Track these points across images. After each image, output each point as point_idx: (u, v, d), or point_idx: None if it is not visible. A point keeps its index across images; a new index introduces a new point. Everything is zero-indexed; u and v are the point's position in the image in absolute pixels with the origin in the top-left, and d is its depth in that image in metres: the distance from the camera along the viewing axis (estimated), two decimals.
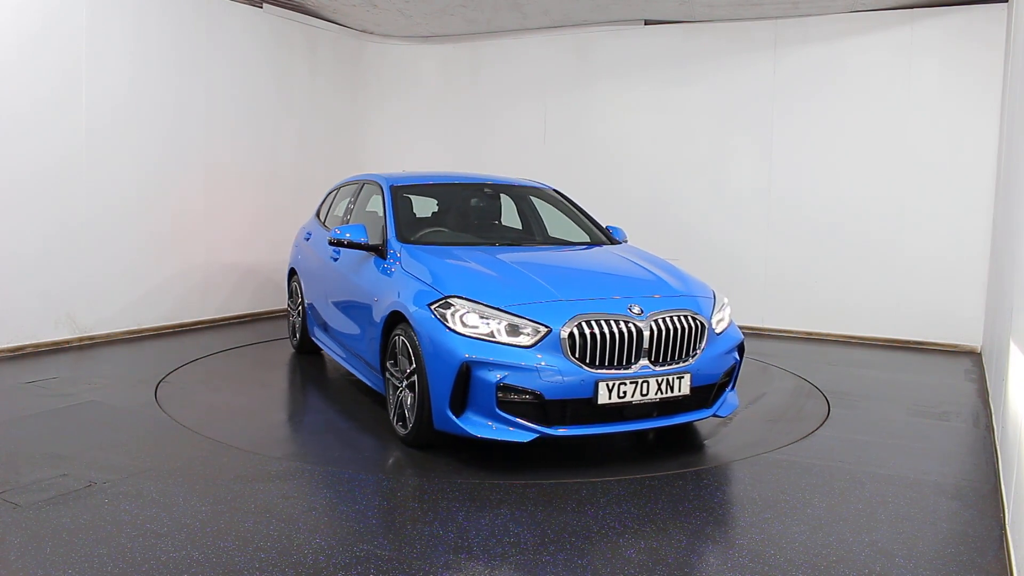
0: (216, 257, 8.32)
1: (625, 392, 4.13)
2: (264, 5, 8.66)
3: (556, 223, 6.21)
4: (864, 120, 8.16)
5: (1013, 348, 3.71)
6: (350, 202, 6.39)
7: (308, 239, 6.78)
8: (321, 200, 7.26)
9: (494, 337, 4.10)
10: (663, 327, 4.26)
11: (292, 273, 7.10)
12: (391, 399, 4.64)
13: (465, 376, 4.06)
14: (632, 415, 4.24)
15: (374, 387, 5.13)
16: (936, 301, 7.95)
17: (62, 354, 6.65)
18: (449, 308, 4.23)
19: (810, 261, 8.46)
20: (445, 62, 10.19)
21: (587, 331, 4.10)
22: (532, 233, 6.14)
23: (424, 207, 6.15)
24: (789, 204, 8.52)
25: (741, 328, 8.65)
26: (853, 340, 8.26)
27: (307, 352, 6.91)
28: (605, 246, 5.62)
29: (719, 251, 8.83)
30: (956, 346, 7.91)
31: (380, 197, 5.78)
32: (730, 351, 4.61)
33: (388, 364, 4.68)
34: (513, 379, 4.01)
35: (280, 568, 3.00)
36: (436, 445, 4.44)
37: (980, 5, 7.63)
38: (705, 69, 8.84)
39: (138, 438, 4.57)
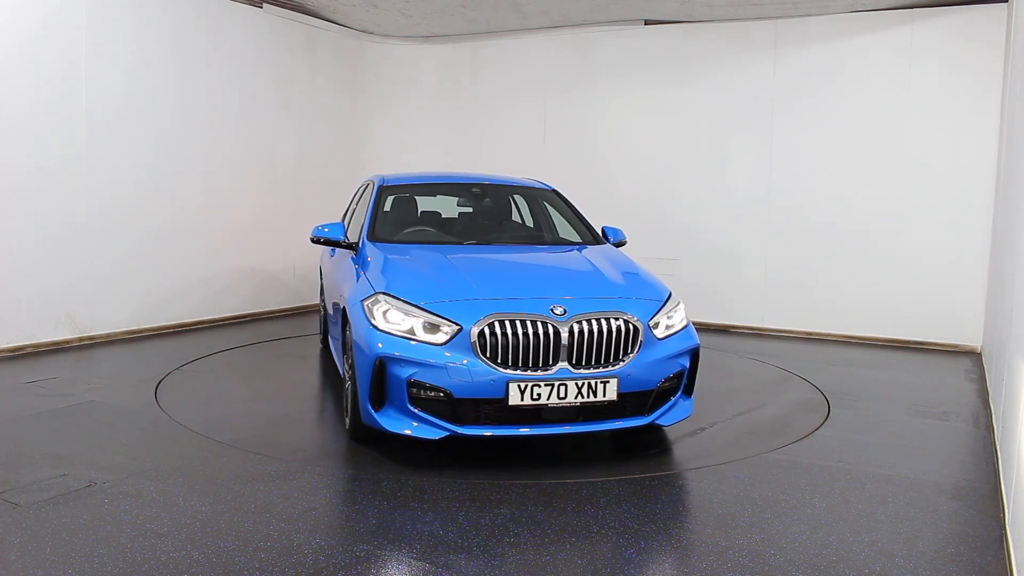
0: (216, 257, 8.32)
1: (540, 394, 4.02)
2: (264, 5, 8.66)
3: (560, 222, 6.19)
4: (864, 120, 8.16)
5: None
6: (355, 201, 6.47)
7: None
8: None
9: (413, 334, 4.11)
10: (585, 329, 4.12)
11: (321, 272, 7.30)
12: (344, 393, 4.74)
13: (381, 371, 4.08)
14: (552, 418, 4.11)
15: None
16: (936, 301, 7.95)
17: (62, 354, 6.65)
18: (376, 304, 4.27)
19: (810, 261, 8.46)
20: (445, 62, 10.19)
21: (498, 331, 4.04)
22: (519, 233, 6.00)
23: (426, 206, 6.20)
24: (789, 203, 8.52)
25: (740, 328, 8.80)
26: (853, 340, 8.26)
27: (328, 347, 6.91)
28: (589, 247, 5.48)
29: (719, 251, 8.83)
30: (956, 346, 7.91)
31: None
32: (676, 356, 4.39)
33: (344, 359, 4.79)
34: (423, 376, 4.01)
35: (280, 568, 2.99)
36: (376, 440, 4.48)
37: (980, 5, 7.63)
38: (705, 69, 8.84)
39: (138, 438, 4.57)
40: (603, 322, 4.17)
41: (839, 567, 3.12)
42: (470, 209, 6.24)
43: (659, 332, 4.39)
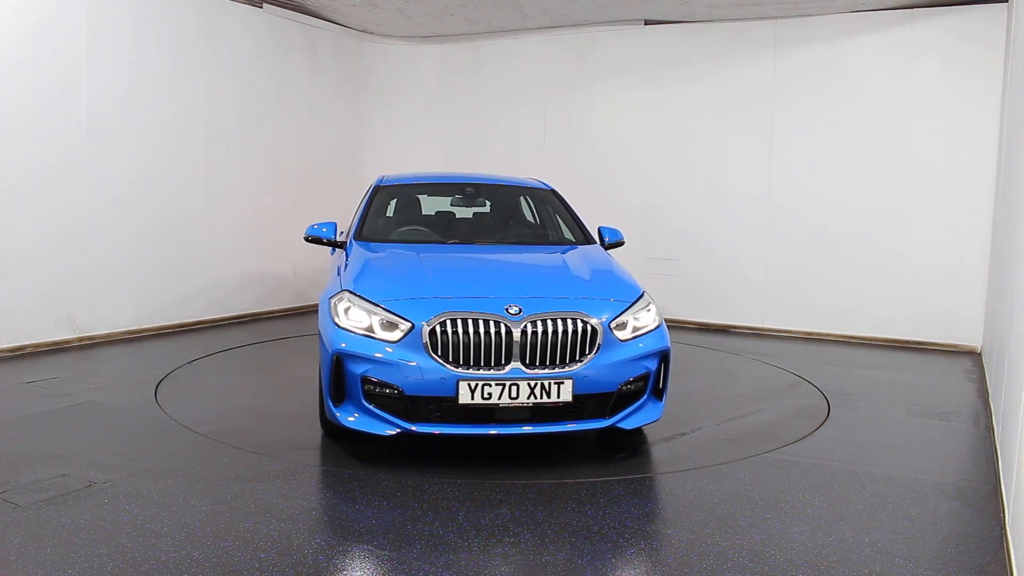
0: (216, 257, 8.32)
1: (491, 394, 4.01)
2: (264, 5, 8.66)
3: (550, 222, 6.14)
4: (864, 120, 8.15)
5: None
6: (360, 201, 6.52)
7: None
8: None
9: (372, 332, 4.16)
10: (539, 330, 4.08)
11: None
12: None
13: (339, 367, 4.15)
14: (505, 418, 4.09)
15: None
16: (936, 301, 7.95)
17: (62, 354, 6.65)
18: (340, 302, 4.35)
19: (810, 260, 8.46)
20: (445, 62, 10.19)
21: (449, 329, 4.05)
22: (508, 233, 5.91)
23: (430, 206, 6.21)
24: (789, 203, 8.52)
25: (740, 328, 8.79)
26: (853, 340, 8.26)
27: None
28: (574, 247, 5.43)
29: (719, 250, 8.84)
30: (956, 346, 7.91)
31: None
32: (640, 359, 4.30)
33: None
34: (376, 372, 4.07)
35: (280, 568, 2.99)
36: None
37: (980, 5, 7.63)
38: (705, 69, 8.84)
39: (138, 438, 4.57)
40: (559, 322, 4.12)
41: (839, 567, 3.12)
42: (464, 209, 6.25)
43: (623, 333, 4.32)
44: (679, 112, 8.97)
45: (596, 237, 5.79)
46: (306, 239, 5.50)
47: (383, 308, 4.20)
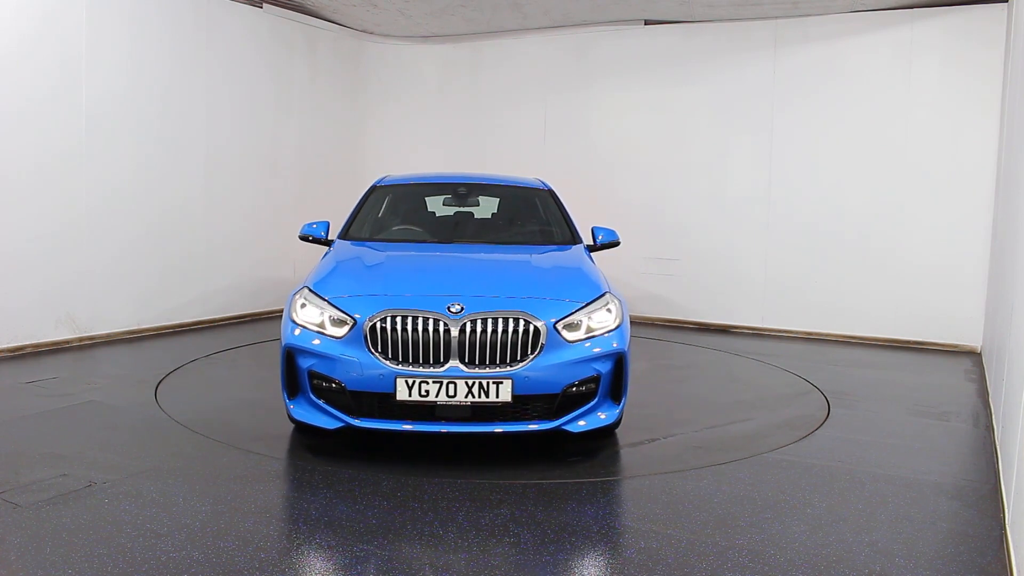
0: (216, 257, 8.32)
1: (428, 391, 4.04)
2: (264, 5, 8.66)
3: (538, 222, 6.10)
4: (864, 120, 8.15)
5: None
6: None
7: None
8: None
9: (323, 328, 4.26)
10: (477, 329, 4.07)
11: None
12: None
13: (291, 362, 4.29)
14: (445, 416, 4.10)
15: None
16: (936, 301, 7.95)
17: (62, 354, 6.65)
18: (298, 299, 4.46)
19: (810, 260, 8.45)
20: (445, 62, 10.19)
21: (389, 326, 4.10)
22: (494, 233, 5.84)
23: (426, 207, 6.20)
24: (789, 203, 8.52)
25: (740, 328, 8.79)
26: (853, 340, 8.26)
27: None
28: (553, 247, 5.37)
29: (719, 250, 8.84)
30: (956, 346, 7.91)
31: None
32: (590, 360, 4.21)
33: None
34: (320, 367, 4.19)
35: (280, 568, 2.99)
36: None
37: (980, 5, 7.63)
38: (705, 69, 8.84)
39: (138, 438, 4.57)
40: (499, 322, 4.11)
41: (839, 567, 3.12)
42: (456, 208, 6.27)
43: (574, 334, 4.24)
44: (679, 112, 8.97)
45: (589, 237, 5.74)
46: (300, 238, 5.62)
47: (331, 304, 4.31)
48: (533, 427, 4.19)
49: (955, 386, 6.43)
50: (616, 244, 5.75)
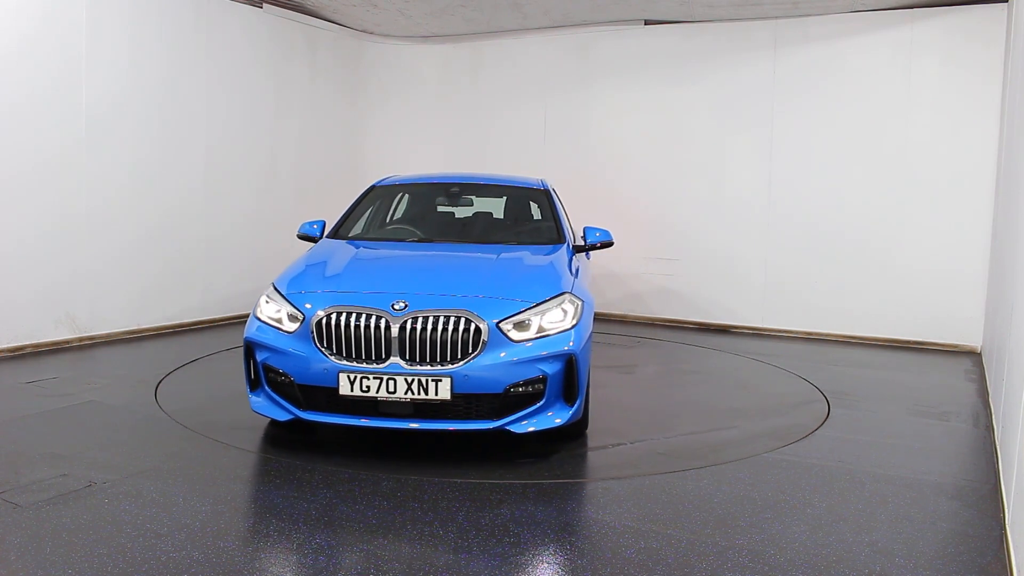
0: (216, 257, 8.32)
1: (369, 387, 4.10)
2: (264, 5, 8.66)
3: (527, 222, 6.10)
4: (864, 120, 8.15)
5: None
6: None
7: None
8: None
9: (280, 323, 4.37)
10: (418, 327, 4.10)
11: None
12: None
13: (250, 355, 4.43)
14: (389, 412, 4.15)
15: None
16: (936, 301, 7.95)
17: (62, 354, 6.65)
18: (264, 294, 4.61)
19: (810, 260, 8.45)
20: (445, 62, 10.19)
21: (334, 322, 4.18)
22: (481, 234, 5.80)
23: (422, 206, 6.23)
24: (789, 203, 8.52)
25: (740, 328, 8.78)
26: (853, 340, 8.26)
27: None
28: (529, 247, 5.31)
29: (719, 250, 8.84)
30: (956, 346, 7.91)
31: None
32: (535, 361, 4.14)
33: None
34: (273, 361, 4.31)
35: (280, 568, 3.00)
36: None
37: (980, 5, 7.63)
38: (705, 69, 8.84)
39: (138, 438, 4.57)
40: (440, 320, 4.12)
41: (839, 567, 3.12)
42: (447, 208, 6.28)
43: (522, 334, 4.19)
44: (679, 112, 8.97)
45: (580, 238, 5.71)
46: (299, 237, 5.70)
47: (287, 300, 4.43)
48: (476, 426, 4.17)
49: (955, 386, 6.43)
50: (610, 244, 5.68)
